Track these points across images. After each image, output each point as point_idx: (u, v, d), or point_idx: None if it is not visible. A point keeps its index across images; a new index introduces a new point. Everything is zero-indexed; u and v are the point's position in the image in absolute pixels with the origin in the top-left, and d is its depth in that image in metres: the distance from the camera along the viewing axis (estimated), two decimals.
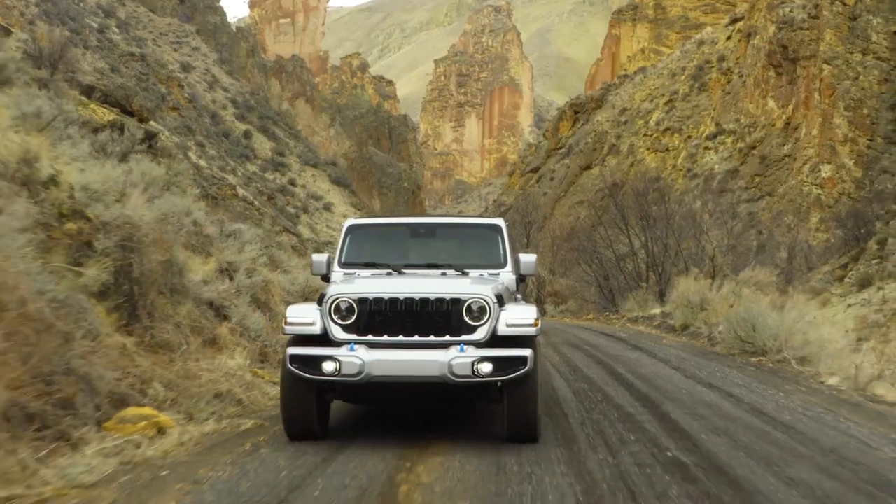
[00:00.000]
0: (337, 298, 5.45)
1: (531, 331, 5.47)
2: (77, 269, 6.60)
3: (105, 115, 14.55)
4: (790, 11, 43.17)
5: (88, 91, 18.80)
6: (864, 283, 27.14)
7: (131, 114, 20.09)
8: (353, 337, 5.37)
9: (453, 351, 5.24)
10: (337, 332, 5.42)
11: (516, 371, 5.19)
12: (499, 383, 5.32)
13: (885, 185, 32.67)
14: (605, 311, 22.23)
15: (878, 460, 5.02)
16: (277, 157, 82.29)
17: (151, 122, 22.47)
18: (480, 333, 5.35)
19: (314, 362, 5.28)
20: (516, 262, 6.52)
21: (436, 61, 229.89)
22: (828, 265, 30.89)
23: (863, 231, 30.04)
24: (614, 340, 13.48)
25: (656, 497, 4.21)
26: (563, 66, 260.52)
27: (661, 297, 19.20)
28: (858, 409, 6.85)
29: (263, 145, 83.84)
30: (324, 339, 5.44)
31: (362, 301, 5.41)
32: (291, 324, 5.55)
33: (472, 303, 5.39)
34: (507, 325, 5.41)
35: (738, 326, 11.28)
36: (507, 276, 6.40)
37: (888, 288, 24.98)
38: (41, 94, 10.03)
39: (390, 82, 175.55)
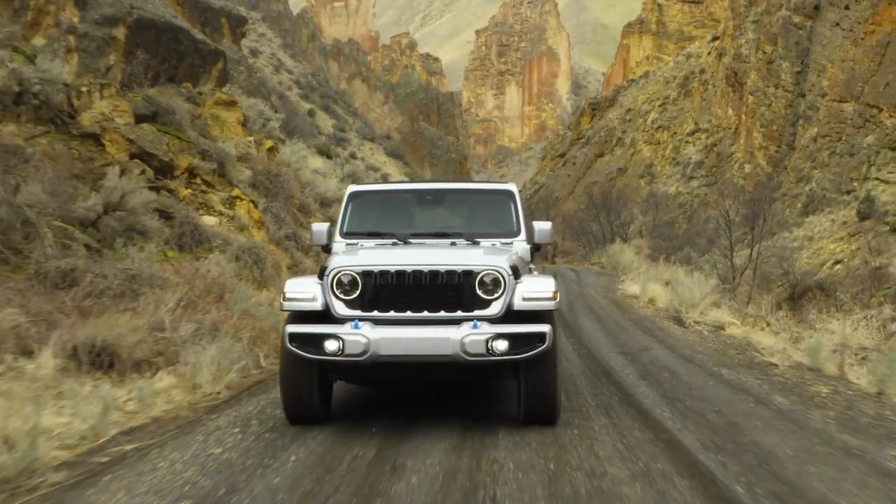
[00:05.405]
0: (339, 271, 5.19)
1: (550, 305, 5.22)
2: None
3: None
4: (744, 43, 59.21)
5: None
6: (749, 245, 44.44)
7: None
8: (357, 313, 5.12)
9: (466, 328, 4.99)
10: (339, 308, 5.16)
11: (534, 349, 4.99)
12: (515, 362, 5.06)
13: (783, 178, 49.53)
14: (583, 261, 40.13)
15: (603, 288, 23.07)
16: (339, 132, 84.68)
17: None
18: (495, 308, 5.11)
19: (315, 341, 5.03)
20: (530, 231, 6.30)
21: (477, 32, 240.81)
22: (738, 232, 48.13)
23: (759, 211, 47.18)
24: (570, 270, 31.25)
25: None
26: (600, 32, 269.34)
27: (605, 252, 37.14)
28: (621, 281, 24.77)
29: (326, 122, 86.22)
30: (325, 316, 5.18)
31: (367, 274, 5.15)
32: (290, 299, 5.27)
33: (485, 275, 5.13)
34: (524, 299, 5.17)
35: (611, 261, 29.20)
36: (520, 245, 6.21)
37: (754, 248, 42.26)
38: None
39: (437, 59, 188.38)
